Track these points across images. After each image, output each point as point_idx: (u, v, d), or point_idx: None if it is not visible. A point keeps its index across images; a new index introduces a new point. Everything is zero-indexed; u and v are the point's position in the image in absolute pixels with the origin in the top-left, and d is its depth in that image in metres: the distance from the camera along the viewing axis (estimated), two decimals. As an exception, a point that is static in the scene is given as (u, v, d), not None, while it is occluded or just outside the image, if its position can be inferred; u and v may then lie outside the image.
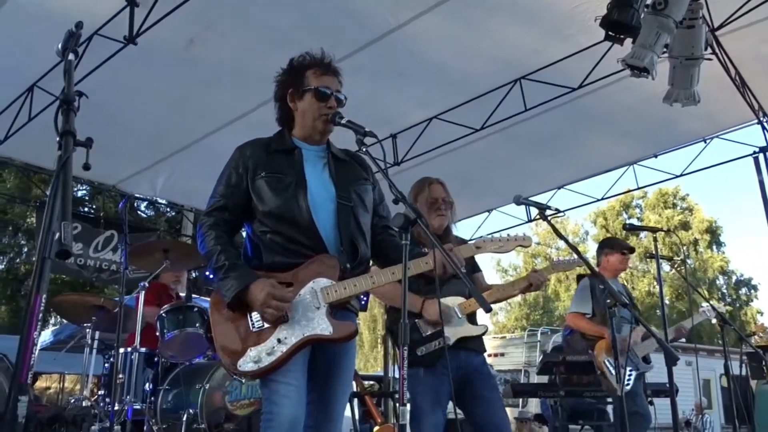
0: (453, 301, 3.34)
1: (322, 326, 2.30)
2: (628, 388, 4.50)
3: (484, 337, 3.48)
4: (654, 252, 4.37)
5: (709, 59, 4.45)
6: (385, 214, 2.66)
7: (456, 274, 3.35)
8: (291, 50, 2.55)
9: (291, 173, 2.43)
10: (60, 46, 1.67)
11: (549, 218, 3.27)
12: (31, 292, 1.19)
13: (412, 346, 3.15)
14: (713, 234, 31.39)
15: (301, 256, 2.36)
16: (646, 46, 3.98)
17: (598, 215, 31.88)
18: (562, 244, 32.19)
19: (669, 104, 4.59)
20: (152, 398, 4.35)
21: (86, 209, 15.44)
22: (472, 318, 3.42)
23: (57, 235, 1.07)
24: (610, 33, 3.85)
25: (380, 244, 2.60)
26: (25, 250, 17.80)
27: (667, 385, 3.99)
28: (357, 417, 6.22)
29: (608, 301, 3.19)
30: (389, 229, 2.63)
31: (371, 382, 9.42)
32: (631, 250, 4.98)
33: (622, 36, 3.90)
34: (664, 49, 4.33)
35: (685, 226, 30.83)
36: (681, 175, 8.32)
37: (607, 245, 5.07)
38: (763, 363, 6.35)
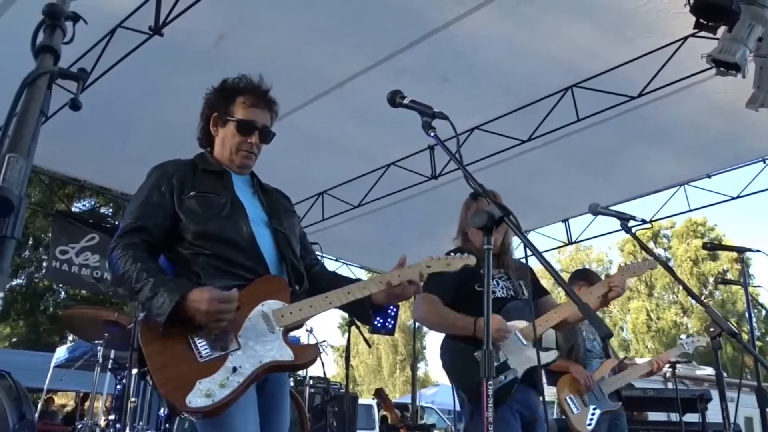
0: (513, 326, 2.80)
1: (282, 352, 2.02)
2: (590, 428, 3.96)
3: None
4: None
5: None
6: (310, 248, 2.52)
7: (516, 295, 2.98)
8: (329, 50, 2.15)
9: (224, 194, 2.22)
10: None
11: (633, 230, 2.92)
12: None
13: (474, 386, 2.62)
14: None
15: (243, 279, 2.10)
16: (737, 39, 3.47)
17: (626, 242, 30.98)
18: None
19: (754, 109, 4.06)
20: (167, 425, 3.95)
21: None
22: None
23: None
24: (702, 20, 3.35)
25: (315, 276, 2.39)
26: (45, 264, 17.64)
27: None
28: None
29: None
30: (318, 260, 2.52)
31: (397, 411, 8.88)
32: None
33: (715, 24, 3.40)
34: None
35: (714, 257, 30.18)
36: (738, 197, 7.73)
37: (584, 277, 4.49)
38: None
